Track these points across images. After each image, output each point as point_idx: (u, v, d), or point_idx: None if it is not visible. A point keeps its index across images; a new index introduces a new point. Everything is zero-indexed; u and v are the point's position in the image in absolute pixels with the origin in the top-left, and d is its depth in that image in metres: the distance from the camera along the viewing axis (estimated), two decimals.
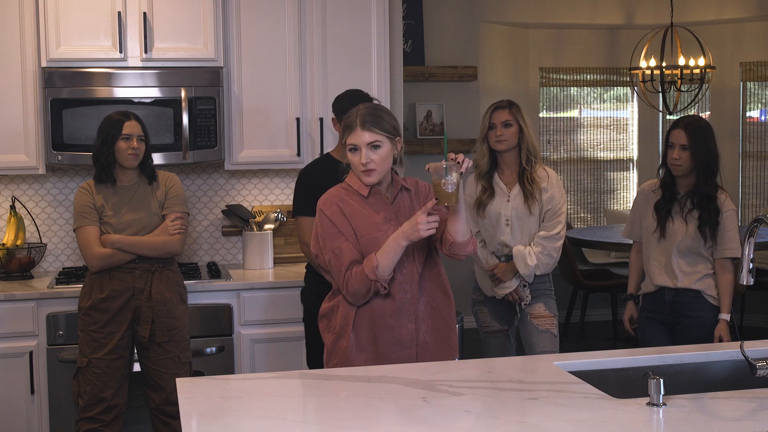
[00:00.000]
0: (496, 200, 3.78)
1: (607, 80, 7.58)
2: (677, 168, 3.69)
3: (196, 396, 2.38)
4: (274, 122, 4.41)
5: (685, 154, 3.67)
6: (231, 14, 4.32)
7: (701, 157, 3.66)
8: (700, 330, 3.69)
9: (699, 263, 3.72)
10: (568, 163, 7.56)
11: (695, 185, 3.71)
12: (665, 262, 3.75)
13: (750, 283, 2.47)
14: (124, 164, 3.63)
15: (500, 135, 3.72)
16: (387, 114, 2.86)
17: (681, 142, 3.67)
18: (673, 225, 3.72)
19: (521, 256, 3.73)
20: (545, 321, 3.74)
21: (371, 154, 2.79)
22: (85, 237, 3.61)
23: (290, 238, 4.65)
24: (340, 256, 2.83)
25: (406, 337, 2.86)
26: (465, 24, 6.88)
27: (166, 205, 3.71)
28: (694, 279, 3.71)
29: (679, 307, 3.74)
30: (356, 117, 2.82)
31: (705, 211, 3.66)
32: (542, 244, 3.75)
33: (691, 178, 3.72)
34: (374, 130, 2.79)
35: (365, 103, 2.87)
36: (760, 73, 7.16)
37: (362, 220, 2.85)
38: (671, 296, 3.75)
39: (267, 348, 4.17)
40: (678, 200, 3.74)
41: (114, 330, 3.60)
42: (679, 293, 3.73)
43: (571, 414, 2.19)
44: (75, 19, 4.13)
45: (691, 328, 3.71)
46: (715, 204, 3.67)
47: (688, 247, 3.71)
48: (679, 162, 3.68)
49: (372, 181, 2.83)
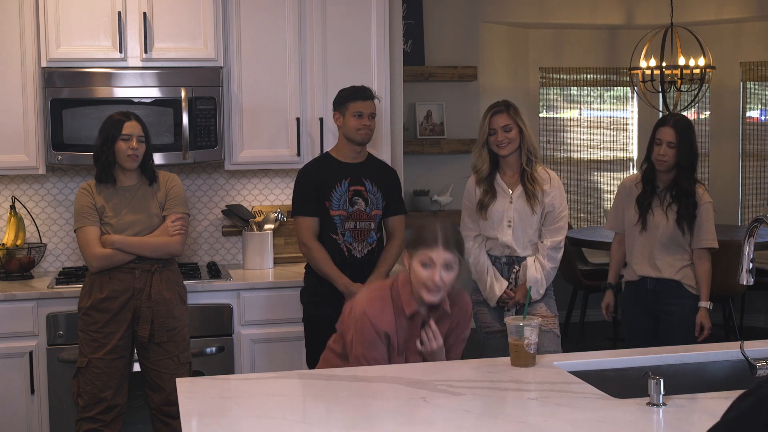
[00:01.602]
0: (498, 201, 3.77)
1: (607, 80, 7.57)
2: (663, 164, 3.88)
3: (196, 396, 2.38)
4: (274, 122, 4.41)
5: (671, 151, 3.86)
6: (231, 14, 4.32)
7: (686, 155, 3.87)
8: (682, 317, 3.93)
9: (678, 254, 3.95)
10: (569, 163, 7.56)
11: (674, 180, 3.90)
12: (647, 254, 3.97)
13: (750, 283, 2.47)
14: (123, 165, 3.62)
15: (502, 140, 3.73)
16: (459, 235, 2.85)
17: (669, 139, 3.86)
18: (653, 218, 3.94)
19: (534, 280, 3.74)
20: (547, 321, 3.74)
21: (444, 274, 2.71)
22: (86, 237, 3.61)
23: (290, 238, 4.65)
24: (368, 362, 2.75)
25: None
26: (465, 24, 6.87)
27: (167, 206, 3.71)
28: (675, 269, 3.93)
29: (660, 296, 3.97)
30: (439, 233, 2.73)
31: (683, 205, 3.87)
32: (552, 256, 3.77)
33: (671, 173, 3.92)
34: (455, 253, 2.73)
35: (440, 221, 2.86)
36: (760, 73, 7.16)
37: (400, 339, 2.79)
38: (653, 285, 3.97)
39: (267, 348, 4.17)
40: (657, 194, 3.95)
41: (114, 330, 3.60)
42: (660, 283, 3.96)
43: (571, 414, 2.19)
44: (75, 19, 4.13)
45: (673, 315, 3.94)
46: (693, 198, 3.88)
47: (669, 239, 3.92)
48: (666, 158, 3.87)
49: (435, 301, 2.74)
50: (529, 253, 3.79)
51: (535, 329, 2.61)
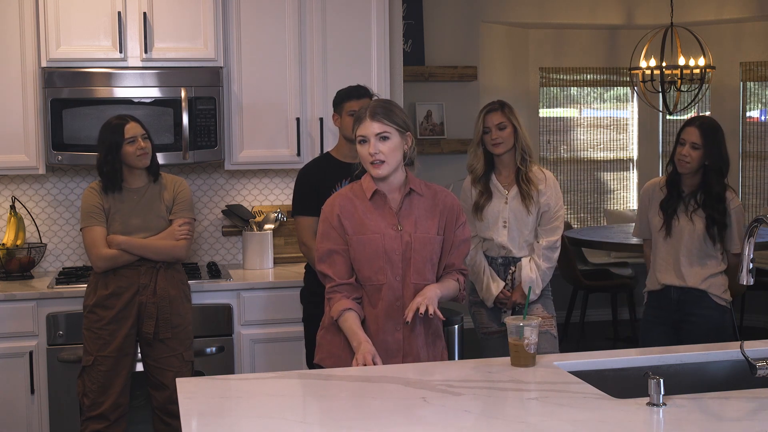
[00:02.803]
0: (493, 202, 3.77)
1: (607, 80, 7.58)
2: (685, 165, 3.70)
3: (196, 396, 2.39)
4: (274, 122, 4.41)
5: (695, 152, 3.68)
6: (231, 14, 4.32)
7: (712, 157, 3.67)
8: (707, 329, 3.70)
9: (706, 263, 3.73)
10: (568, 163, 7.56)
11: (702, 184, 3.72)
12: (672, 261, 3.76)
13: (750, 283, 2.47)
14: (136, 165, 3.62)
15: (496, 138, 3.72)
16: (398, 108, 2.85)
17: (693, 140, 3.68)
18: (678, 224, 3.73)
19: (529, 280, 3.73)
20: (544, 322, 3.73)
21: (380, 145, 2.77)
22: (92, 237, 3.62)
23: (290, 238, 4.65)
24: None
25: (393, 345, 2.85)
26: (465, 24, 6.88)
27: (174, 210, 3.71)
28: (701, 278, 3.72)
29: (684, 306, 3.75)
30: (366, 108, 2.82)
31: (713, 211, 3.68)
32: (548, 255, 3.76)
33: (697, 177, 3.73)
34: (383, 121, 2.77)
35: (376, 98, 2.88)
36: (760, 73, 7.16)
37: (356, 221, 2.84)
38: (677, 295, 3.76)
39: (267, 348, 4.17)
40: (683, 199, 3.75)
41: (119, 327, 3.61)
42: (685, 292, 3.74)
43: (571, 414, 2.19)
44: (75, 19, 4.13)
45: (697, 327, 3.72)
46: (723, 204, 3.69)
47: (696, 247, 3.72)
48: (688, 159, 3.68)
49: (381, 173, 2.79)
50: (525, 254, 3.79)
51: (535, 329, 2.61)
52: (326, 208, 2.90)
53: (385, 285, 2.82)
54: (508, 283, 3.78)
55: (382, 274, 2.81)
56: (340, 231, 2.84)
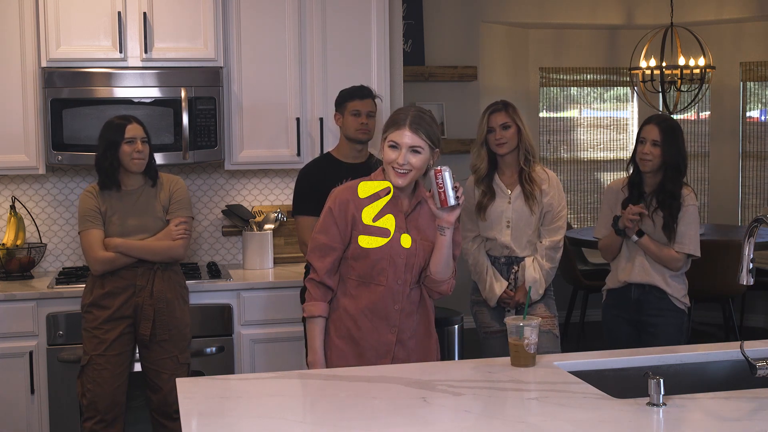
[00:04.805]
0: (497, 202, 3.77)
1: (607, 80, 7.58)
2: (646, 163, 3.71)
3: (196, 396, 2.39)
4: (274, 122, 4.41)
5: (655, 150, 3.69)
6: (231, 14, 4.32)
7: (671, 155, 3.69)
8: (667, 331, 3.73)
9: None
10: (568, 163, 7.56)
11: (661, 183, 3.73)
12: (633, 259, 3.77)
13: (750, 283, 2.47)
14: (130, 169, 3.62)
15: (500, 138, 3.72)
16: (435, 124, 2.83)
17: (653, 137, 3.70)
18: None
19: (533, 280, 3.73)
20: (546, 321, 3.73)
21: (411, 157, 2.75)
22: (89, 240, 3.62)
23: (290, 238, 4.65)
24: None
25: (384, 347, 2.85)
26: (465, 24, 6.88)
27: (171, 210, 3.71)
28: (661, 278, 3.74)
29: (643, 306, 3.77)
30: (406, 116, 2.76)
31: (668, 210, 3.70)
32: (550, 256, 3.76)
33: (658, 176, 3.74)
34: (421, 135, 2.74)
35: (417, 106, 2.87)
36: (760, 73, 7.16)
37: None
38: (637, 294, 3.78)
39: (267, 348, 4.17)
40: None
41: (114, 327, 3.61)
42: (645, 292, 3.76)
43: (571, 414, 2.19)
44: (75, 19, 4.13)
45: (657, 328, 3.74)
46: (677, 201, 3.70)
47: None
48: (650, 157, 3.69)
49: (402, 184, 2.78)
50: (528, 254, 3.79)
51: (535, 329, 2.61)
52: (336, 200, 2.87)
53: (384, 287, 2.82)
54: (511, 283, 3.78)
55: (383, 276, 2.82)
56: (342, 227, 2.84)
